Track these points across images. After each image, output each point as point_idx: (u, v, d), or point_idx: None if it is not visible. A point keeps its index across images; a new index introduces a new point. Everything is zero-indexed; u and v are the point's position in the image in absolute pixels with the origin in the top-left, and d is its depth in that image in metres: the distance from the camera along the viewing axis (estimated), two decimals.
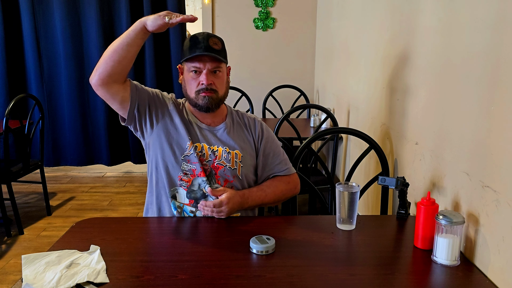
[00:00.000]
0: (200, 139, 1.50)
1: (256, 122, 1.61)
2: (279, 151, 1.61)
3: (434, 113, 1.49)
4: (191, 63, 1.44)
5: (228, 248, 1.22)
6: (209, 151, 1.49)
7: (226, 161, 1.48)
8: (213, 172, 1.47)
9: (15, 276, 2.38)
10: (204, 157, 1.48)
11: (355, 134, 1.83)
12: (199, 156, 1.46)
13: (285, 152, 1.64)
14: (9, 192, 2.88)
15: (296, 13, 4.20)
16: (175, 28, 3.80)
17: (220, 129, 1.54)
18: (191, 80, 1.47)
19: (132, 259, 1.15)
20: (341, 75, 3.13)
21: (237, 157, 1.50)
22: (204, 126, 1.53)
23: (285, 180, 1.57)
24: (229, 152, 1.50)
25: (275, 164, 1.57)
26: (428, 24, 1.58)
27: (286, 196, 1.59)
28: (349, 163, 2.83)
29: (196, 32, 1.51)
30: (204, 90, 1.45)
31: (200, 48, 1.42)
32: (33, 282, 1.01)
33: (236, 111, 1.64)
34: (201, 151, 1.48)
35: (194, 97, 1.47)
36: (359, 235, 1.32)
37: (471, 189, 1.21)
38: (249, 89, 3.92)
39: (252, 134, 1.58)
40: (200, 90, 1.46)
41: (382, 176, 1.41)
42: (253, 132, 1.59)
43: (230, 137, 1.53)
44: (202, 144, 1.49)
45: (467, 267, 1.14)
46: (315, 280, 1.06)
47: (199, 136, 1.51)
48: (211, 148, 1.49)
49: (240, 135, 1.56)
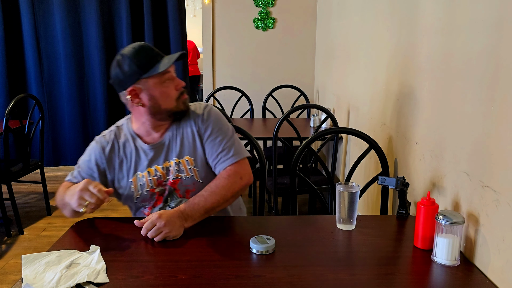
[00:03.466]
0: (150, 162, 1.43)
1: (198, 114, 1.46)
2: (223, 137, 1.45)
3: (434, 113, 1.49)
4: (162, 75, 1.36)
5: (228, 248, 1.22)
6: (163, 170, 1.43)
7: (180, 172, 1.42)
8: (171, 189, 1.43)
9: (15, 276, 2.38)
10: (161, 179, 1.43)
11: (355, 134, 1.83)
12: (155, 180, 1.42)
13: (234, 136, 1.49)
14: (9, 192, 2.88)
15: (296, 13, 4.20)
16: (175, 28, 3.80)
17: (165, 142, 1.44)
18: (166, 91, 1.38)
19: (132, 259, 1.15)
20: (341, 75, 3.13)
21: (189, 163, 1.43)
22: (146, 147, 1.43)
23: (225, 174, 1.41)
24: (179, 162, 1.42)
25: (218, 152, 1.43)
26: (428, 24, 1.58)
27: (235, 190, 1.40)
28: (349, 163, 2.83)
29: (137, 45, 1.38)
30: (183, 94, 1.42)
31: (160, 56, 1.37)
32: (33, 282, 1.01)
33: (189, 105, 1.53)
34: (155, 173, 1.42)
35: (175, 106, 1.40)
36: (359, 235, 1.32)
37: (471, 189, 1.21)
38: (249, 89, 3.92)
39: (197, 129, 1.45)
40: (180, 96, 1.41)
41: (382, 176, 1.41)
42: (197, 127, 1.45)
43: (176, 144, 1.43)
44: (154, 167, 1.43)
45: (467, 267, 1.14)
46: (315, 280, 1.06)
47: (146, 160, 1.43)
48: (164, 166, 1.43)
49: (187, 136, 1.45)
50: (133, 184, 1.43)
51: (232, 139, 1.47)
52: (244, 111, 3.81)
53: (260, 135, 2.94)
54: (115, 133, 1.47)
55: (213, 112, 1.49)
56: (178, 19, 3.80)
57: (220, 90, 3.74)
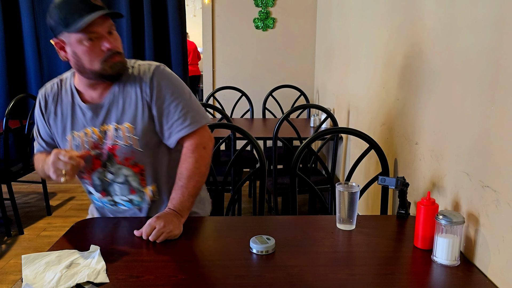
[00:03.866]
0: (87, 123, 1.34)
1: (146, 77, 1.33)
2: (177, 103, 1.33)
3: (434, 113, 1.49)
4: (83, 32, 1.20)
5: (228, 248, 1.22)
6: (100, 133, 1.33)
7: (119, 139, 1.32)
8: (110, 154, 1.34)
9: (15, 276, 2.38)
10: (97, 142, 1.34)
11: (355, 134, 1.83)
12: (91, 142, 1.34)
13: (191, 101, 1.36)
14: (9, 192, 2.88)
15: (296, 13, 4.20)
16: (175, 28, 3.81)
17: (105, 104, 1.33)
18: (88, 51, 1.23)
19: (132, 259, 1.15)
20: (341, 75, 3.13)
21: (128, 131, 1.32)
22: (84, 106, 1.34)
23: (188, 151, 1.34)
24: (118, 128, 1.32)
25: (173, 120, 1.33)
26: (428, 24, 1.58)
27: (205, 162, 1.36)
28: (349, 163, 2.83)
29: None
30: (112, 56, 1.25)
31: (86, 11, 1.19)
32: (33, 282, 1.01)
33: (133, 67, 1.37)
34: (92, 136, 1.33)
35: (101, 69, 1.26)
36: (359, 235, 1.32)
37: (471, 189, 1.21)
38: (249, 89, 3.92)
39: (142, 95, 1.33)
40: (107, 58, 1.25)
41: (382, 176, 1.41)
42: (143, 92, 1.32)
43: (117, 108, 1.33)
44: (90, 129, 1.34)
45: (467, 267, 1.14)
46: (315, 280, 1.06)
47: (83, 120, 1.34)
48: (102, 129, 1.33)
49: (129, 101, 1.33)
50: (68, 143, 1.36)
51: (188, 105, 1.34)
52: (244, 111, 3.81)
53: (260, 135, 2.94)
54: (57, 85, 1.40)
55: (163, 75, 1.35)
56: (178, 19, 3.80)
57: (220, 90, 3.74)
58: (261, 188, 1.85)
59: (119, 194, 1.41)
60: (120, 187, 1.40)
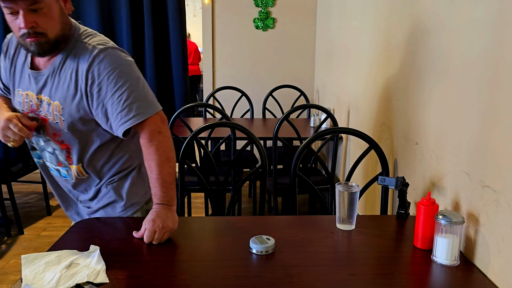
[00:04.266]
0: (30, 87, 1.30)
1: (85, 62, 1.23)
2: (121, 93, 1.24)
3: (434, 113, 1.49)
4: (3, 3, 1.12)
5: (228, 248, 1.22)
6: (37, 101, 1.29)
7: (49, 114, 1.29)
8: (42, 124, 1.31)
9: (15, 276, 2.38)
10: (34, 108, 1.30)
11: (355, 134, 1.83)
12: (30, 105, 1.30)
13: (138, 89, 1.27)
14: (9, 192, 2.88)
15: (296, 13, 4.20)
16: (175, 28, 3.80)
17: (45, 75, 1.27)
18: (10, 23, 1.17)
19: (132, 259, 1.15)
20: (341, 75, 3.13)
21: (57, 110, 1.27)
22: (30, 71, 1.30)
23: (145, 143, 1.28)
24: (50, 103, 1.27)
25: (117, 112, 1.25)
26: (428, 24, 1.58)
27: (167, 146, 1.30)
28: (349, 163, 2.83)
29: None
30: (28, 35, 1.16)
31: None
32: (33, 282, 1.01)
33: (81, 41, 1.26)
34: (31, 99, 1.30)
35: (22, 42, 1.20)
36: (359, 235, 1.32)
37: (471, 189, 1.21)
38: (249, 89, 3.92)
39: (78, 78, 1.24)
40: (23, 36, 1.17)
41: (382, 176, 1.42)
42: (80, 76, 1.24)
43: (53, 83, 1.26)
44: (31, 93, 1.30)
45: (467, 267, 1.14)
46: (315, 280, 1.06)
47: (28, 82, 1.31)
48: (39, 98, 1.29)
49: (65, 79, 1.25)
50: (15, 97, 1.34)
51: (134, 95, 1.25)
52: (244, 111, 3.81)
53: (260, 135, 2.94)
54: None
55: (105, 63, 1.23)
56: (178, 19, 3.80)
57: (220, 90, 3.74)
58: (261, 188, 1.85)
59: (49, 161, 1.40)
60: (50, 156, 1.38)
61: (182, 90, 3.91)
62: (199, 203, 3.57)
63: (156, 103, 1.31)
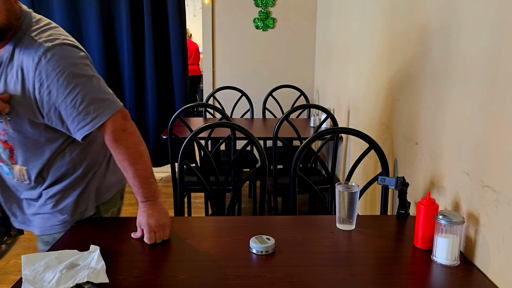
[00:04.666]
0: None
1: (31, 61, 1.12)
2: (74, 96, 1.14)
3: (434, 113, 1.49)
4: None
5: (228, 248, 1.22)
6: None
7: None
8: None
9: (15, 276, 2.38)
10: None
11: (355, 134, 1.83)
12: None
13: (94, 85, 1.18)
14: None
15: (296, 13, 4.20)
16: (175, 28, 3.81)
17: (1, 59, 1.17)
18: None
19: (132, 259, 1.15)
20: (341, 75, 3.13)
21: None
22: None
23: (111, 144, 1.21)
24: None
25: (73, 117, 1.16)
26: (428, 24, 1.58)
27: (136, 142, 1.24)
28: (349, 163, 2.83)
29: None
30: None
31: None
32: (33, 282, 1.01)
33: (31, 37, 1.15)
34: None
35: None
36: (359, 235, 1.32)
37: (471, 189, 1.21)
38: (249, 89, 3.92)
39: (25, 78, 1.14)
40: None
41: (382, 176, 1.42)
42: (26, 76, 1.14)
43: (2, 76, 1.16)
44: None
45: (467, 267, 1.14)
46: (315, 280, 1.06)
47: None
48: None
49: (13, 77, 1.15)
50: None
51: (89, 96, 1.16)
52: (244, 111, 3.81)
53: (260, 135, 2.94)
54: None
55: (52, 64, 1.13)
56: (178, 19, 3.80)
57: (220, 90, 3.74)
58: (261, 188, 1.85)
59: None
60: None
61: (182, 90, 3.92)
62: (199, 203, 3.57)
63: (115, 100, 1.23)
